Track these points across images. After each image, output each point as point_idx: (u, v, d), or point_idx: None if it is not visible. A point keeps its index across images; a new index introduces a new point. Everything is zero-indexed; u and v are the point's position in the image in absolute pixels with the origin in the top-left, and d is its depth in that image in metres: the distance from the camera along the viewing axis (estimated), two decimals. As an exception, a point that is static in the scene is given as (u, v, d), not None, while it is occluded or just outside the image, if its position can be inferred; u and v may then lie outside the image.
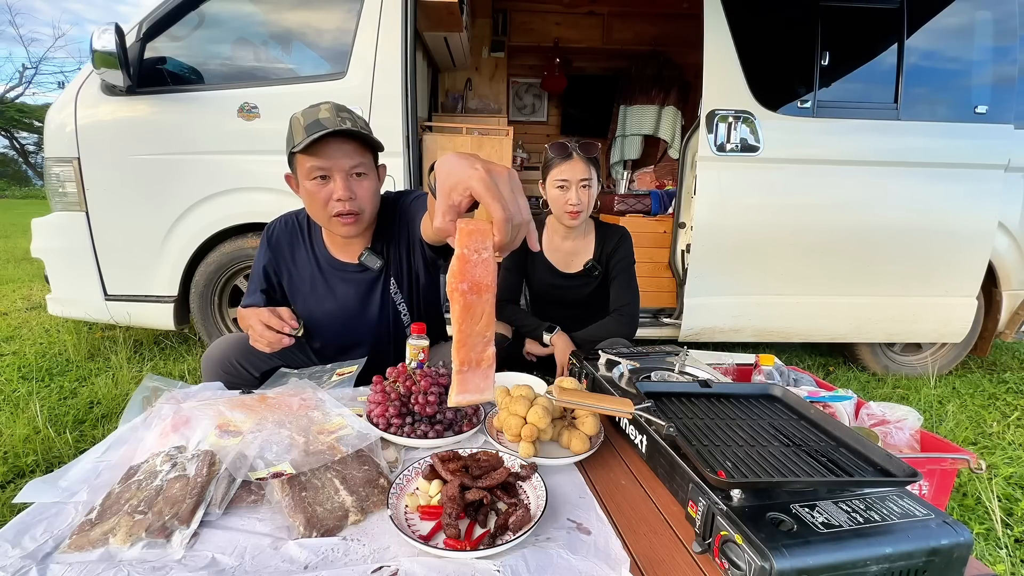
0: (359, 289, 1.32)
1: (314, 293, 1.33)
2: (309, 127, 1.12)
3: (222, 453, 0.80)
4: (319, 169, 1.14)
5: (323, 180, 1.15)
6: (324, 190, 1.15)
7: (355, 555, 0.67)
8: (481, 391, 0.63)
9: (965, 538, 0.63)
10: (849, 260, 2.44)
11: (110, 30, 2.02)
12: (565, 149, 1.60)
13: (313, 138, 1.09)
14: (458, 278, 0.59)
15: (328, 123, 1.13)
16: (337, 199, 1.15)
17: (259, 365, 1.27)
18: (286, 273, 1.35)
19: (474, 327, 0.61)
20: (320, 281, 1.33)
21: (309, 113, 1.15)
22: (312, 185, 1.15)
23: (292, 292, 1.36)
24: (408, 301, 1.36)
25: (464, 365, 0.62)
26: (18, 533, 0.68)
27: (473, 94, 4.62)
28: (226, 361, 1.23)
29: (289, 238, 1.35)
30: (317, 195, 1.16)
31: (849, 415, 1.31)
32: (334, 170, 1.15)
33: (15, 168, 25.63)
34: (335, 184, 1.15)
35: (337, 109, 1.17)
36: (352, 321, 1.35)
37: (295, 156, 1.15)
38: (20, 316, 3.41)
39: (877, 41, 2.41)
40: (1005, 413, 2.36)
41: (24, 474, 1.62)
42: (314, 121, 1.13)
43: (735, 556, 0.61)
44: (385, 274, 1.32)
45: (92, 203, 2.30)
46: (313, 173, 1.14)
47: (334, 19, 2.33)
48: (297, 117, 1.16)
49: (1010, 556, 1.40)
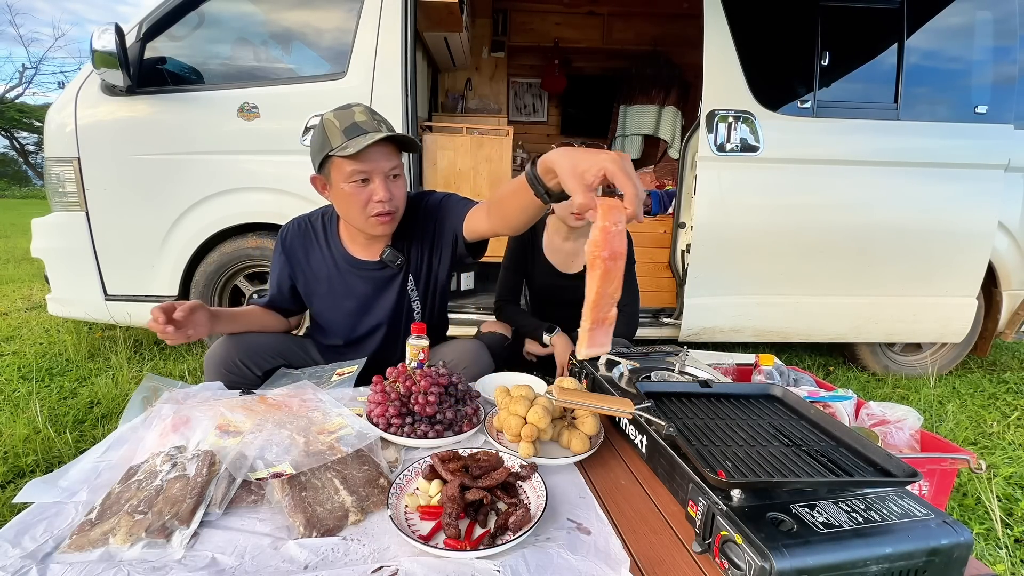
0: (376, 285, 1.34)
1: (331, 292, 1.35)
2: (347, 130, 1.13)
3: (222, 453, 0.80)
4: (361, 172, 1.15)
5: (363, 183, 1.17)
6: (364, 192, 1.17)
7: (355, 555, 0.67)
8: (602, 345, 0.73)
9: (965, 538, 0.63)
10: (849, 260, 2.44)
11: (110, 30, 2.02)
12: None
13: (366, 144, 1.10)
14: (600, 247, 0.68)
15: (366, 126, 1.14)
16: (378, 200, 1.17)
17: (261, 364, 1.27)
18: (301, 276, 1.37)
19: (607, 289, 0.70)
20: (337, 279, 1.34)
21: (343, 116, 1.15)
22: (351, 187, 1.17)
23: (308, 293, 1.38)
24: (422, 299, 1.38)
25: (594, 323, 0.71)
26: (18, 533, 0.68)
27: (473, 94, 4.61)
28: (228, 360, 1.24)
29: (302, 241, 1.36)
30: (357, 197, 1.17)
31: (849, 415, 1.31)
32: (374, 173, 1.16)
33: (15, 168, 25.61)
34: (375, 186, 1.17)
35: (370, 112, 1.18)
36: (366, 316, 1.37)
37: (330, 159, 1.16)
38: (20, 316, 3.41)
39: (877, 41, 2.40)
40: (1005, 413, 2.36)
41: (24, 474, 1.62)
42: (352, 124, 1.14)
43: (735, 556, 0.61)
44: (404, 271, 1.34)
45: (92, 203, 2.30)
46: (354, 176, 1.16)
47: (334, 19, 2.33)
48: (331, 120, 1.16)
49: (1010, 556, 1.40)
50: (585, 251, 0.69)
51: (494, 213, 1.10)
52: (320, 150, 1.17)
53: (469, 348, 1.34)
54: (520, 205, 0.97)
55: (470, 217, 1.22)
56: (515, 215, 1.03)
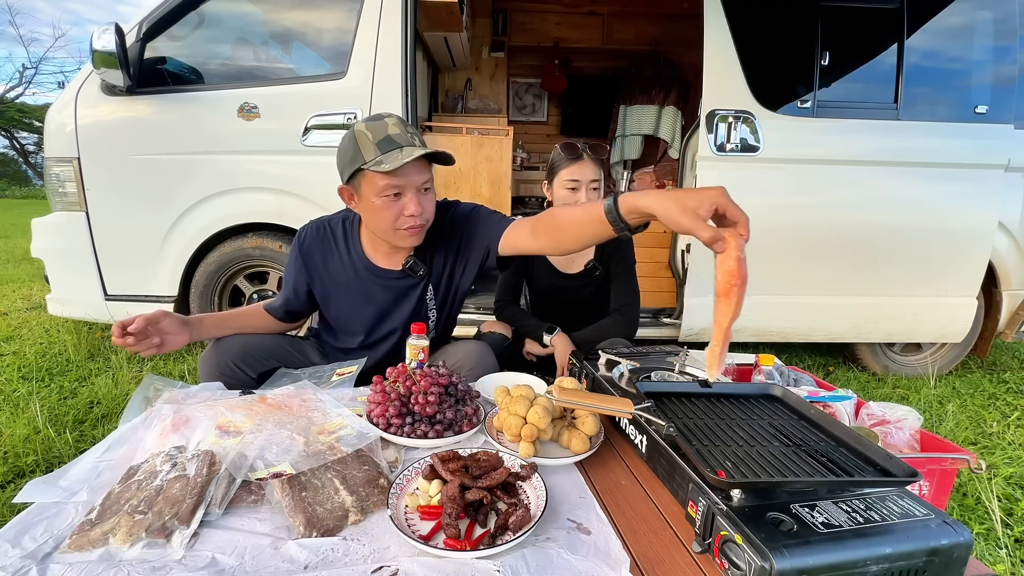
0: (396, 294, 1.33)
1: (349, 298, 1.34)
2: (381, 144, 1.11)
3: (222, 453, 0.80)
4: (394, 187, 1.14)
5: (395, 197, 1.15)
6: (396, 206, 1.16)
7: (355, 555, 0.67)
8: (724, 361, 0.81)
9: (965, 538, 0.63)
10: (849, 260, 2.44)
11: (110, 30, 2.02)
12: (576, 150, 1.59)
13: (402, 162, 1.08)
14: (736, 276, 0.74)
15: (400, 139, 1.13)
16: (409, 215, 1.16)
17: (256, 366, 1.26)
18: (318, 281, 1.35)
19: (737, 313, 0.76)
20: (356, 286, 1.33)
21: (375, 128, 1.13)
22: (383, 201, 1.15)
23: (325, 298, 1.37)
24: (439, 307, 1.37)
25: (724, 345, 0.77)
26: (18, 533, 0.68)
27: (473, 94, 4.61)
28: (222, 363, 1.22)
29: (321, 246, 1.34)
30: (388, 210, 1.16)
31: (849, 415, 1.31)
32: (407, 187, 1.15)
33: (15, 168, 25.60)
34: (407, 200, 1.16)
35: (403, 123, 1.17)
36: (383, 323, 1.36)
37: (361, 172, 1.14)
38: (20, 316, 3.41)
39: (877, 41, 2.40)
40: (1005, 413, 2.36)
41: (24, 474, 1.62)
42: (385, 137, 1.12)
43: (735, 556, 0.61)
44: (425, 281, 1.33)
45: (92, 203, 2.30)
46: (387, 191, 1.14)
47: (334, 19, 2.33)
48: (363, 131, 1.13)
49: (1010, 556, 1.40)
50: (719, 280, 0.75)
51: (547, 235, 1.12)
52: (351, 162, 1.14)
53: (474, 350, 1.34)
54: (587, 235, 1.02)
55: (510, 233, 1.22)
56: (575, 243, 1.06)
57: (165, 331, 1.15)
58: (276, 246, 2.38)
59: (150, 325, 1.11)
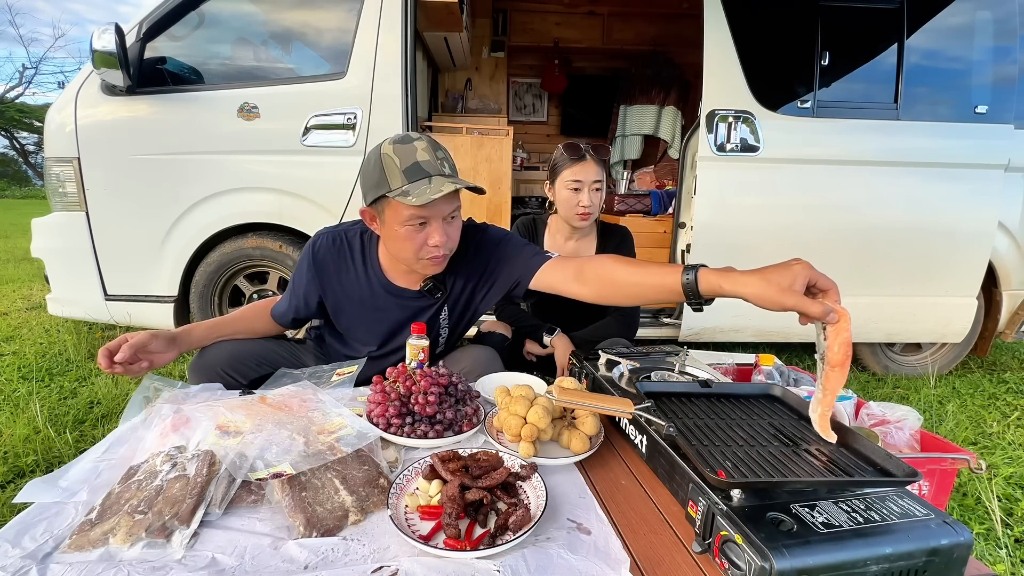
0: (411, 313, 1.30)
1: (362, 313, 1.30)
2: (408, 171, 1.06)
3: (222, 453, 0.80)
4: (419, 217, 1.08)
5: (420, 226, 1.10)
6: (420, 235, 1.11)
7: (355, 555, 0.67)
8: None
9: (965, 538, 0.63)
10: (849, 260, 2.44)
11: (110, 30, 2.02)
12: (578, 150, 1.59)
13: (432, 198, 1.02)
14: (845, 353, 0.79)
15: (429, 167, 1.07)
16: (434, 244, 1.12)
17: (247, 373, 1.23)
18: (331, 294, 1.30)
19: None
20: (370, 303, 1.29)
21: (403, 152, 1.07)
22: (407, 231, 1.10)
23: (336, 311, 1.32)
24: (452, 327, 1.35)
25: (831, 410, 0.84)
26: (18, 533, 0.68)
27: (473, 94, 4.62)
28: (211, 371, 1.19)
29: (336, 258, 1.28)
30: (412, 240, 1.11)
31: (849, 415, 1.31)
32: (433, 218, 1.10)
33: (15, 168, 25.60)
34: (432, 229, 1.11)
35: (433, 148, 1.11)
36: (394, 339, 1.34)
37: (387, 198, 1.08)
38: (20, 316, 3.41)
39: (877, 41, 2.40)
40: (1005, 413, 2.36)
41: (24, 474, 1.62)
42: (413, 164, 1.06)
43: (735, 556, 0.61)
44: (441, 303, 1.30)
45: (92, 203, 2.30)
46: (412, 221, 1.08)
47: (334, 19, 2.33)
48: (390, 155, 1.07)
49: (1010, 556, 1.40)
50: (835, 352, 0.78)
51: (597, 286, 1.09)
52: (375, 187, 1.09)
53: (482, 356, 1.33)
54: (649, 298, 1.04)
55: (548, 273, 1.19)
56: (630, 301, 1.07)
57: (152, 352, 1.11)
58: (276, 246, 2.38)
59: (137, 352, 1.08)
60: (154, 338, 1.11)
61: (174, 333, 1.17)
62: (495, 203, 2.82)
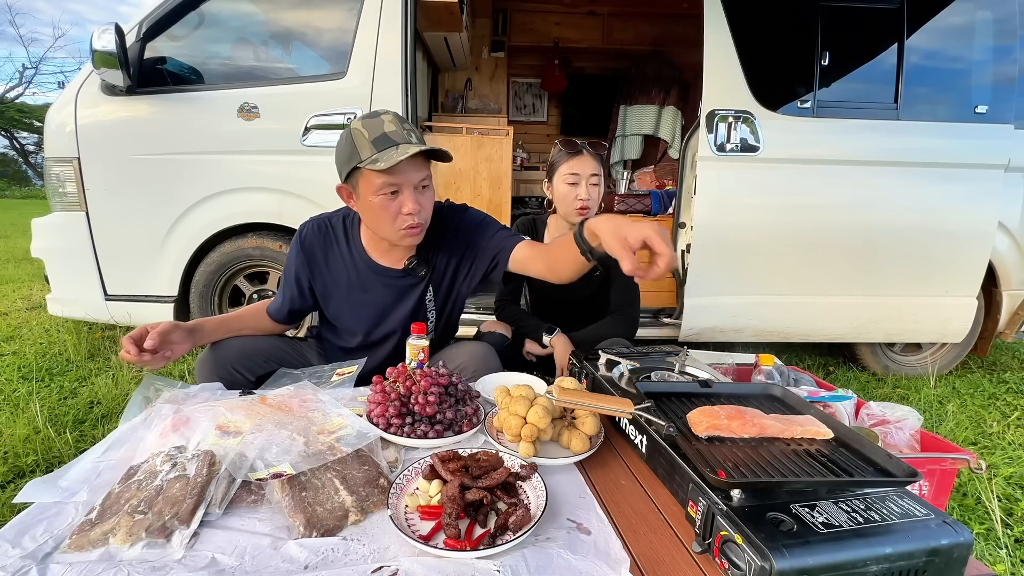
0: (396, 293, 1.33)
1: (349, 296, 1.33)
2: (376, 141, 1.10)
3: (222, 453, 0.80)
4: (391, 185, 1.13)
5: (392, 195, 1.14)
6: (393, 204, 1.15)
7: (355, 555, 0.67)
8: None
9: (965, 538, 0.63)
10: (849, 260, 2.44)
11: (110, 30, 2.02)
12: (575, 145, 1.62)
13: (397, 160, 1.07)
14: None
15: (396, 137, 1.12)
16: (407, 213, 1.15)
17: (255, 369, 1.25)
18: (319, 278, 1.34)
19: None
20: (356, 284, 1.32)
21: (371, 125, 1.13)
22: (381, 200, 1.14)
23: (324, 295, 1.36)
24: (439, 310, 1.38)
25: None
26: (18, 533, 0.68)
27: (473, 94, 4.62)
28: (220, 366, 1.21)
29: (322, 242, 1.33)
30: (387, 209, 1.15)
31: (849, 415, 1.31)
32: (404, 185, 1.14)
33: (15, 168, 25.59)
34: (404, 198, 1.15)
35: (399, 120, 1.15)
36: (383, 323, 1.36)
37: (358, 171, 1.13)
38: (20, 316, 3.41)
39: (877, 41, 2.40)
40: (1005, 413, 2.36)
41: (24, 474, 1.62)
42: (381, 135, 1.11)
43: (735, 556, 0.61)
44: (426, 282, 1.33)
45: (92, 203, 2.30)
46: (384, 189, 1.13)
47: (334, 19, 2.33)
48: (359, 130, 1.13)
49: (1010, 556, 1.40)
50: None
51: (545, 261, 1.20)
52: (348, 161, 1.14)
53: (478, 352, 1.34)
54: (567, 259, 1.09)
55: (522, 252, 1.26)
56: (562, 267, 1.14)
57: (174, 342, 1.13)
58: (276, 246, 2.38)
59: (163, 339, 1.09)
60: (176, 328, 1.14)
61: (191, 325, 1.19)
62: (495, 203, 2.82)
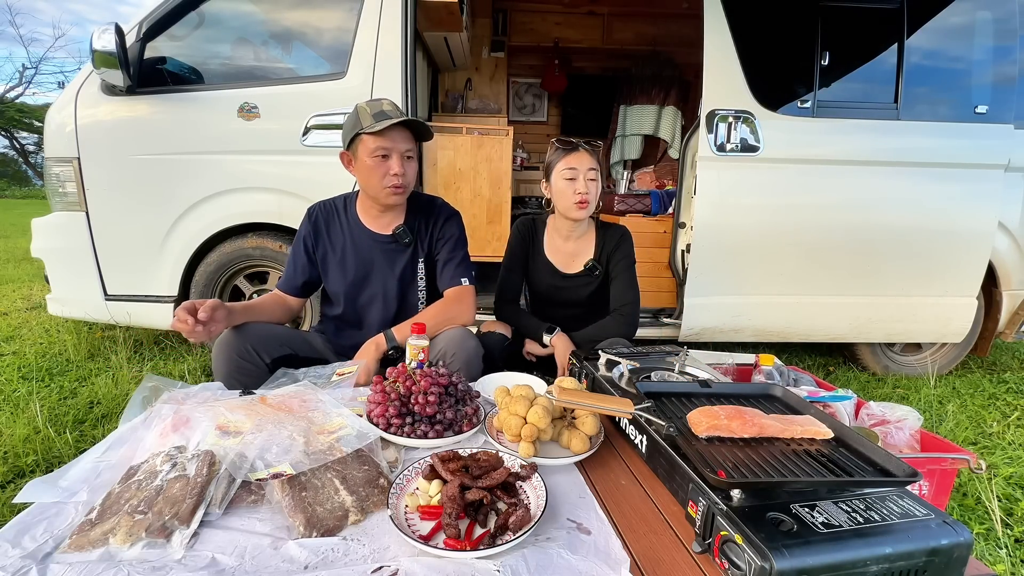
0: (386, 256, 1.54)
1: (344, 260, 1.54)
2: (376, 115, 1.37)
3: (222, 453, 0.80)
4: (382, 149, 1.38)
5: (383, 159, 1.39)
6: (383, 166, 1.40)
7: (355, 555, 0.67)
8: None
9: (965, 538, 0.63)
10: (849, 260, 2.44)
11: (110, 30, 2.02)
12: (571, 142, 1.64)
13: (389, 123, 1.35)
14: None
15: (392, 114, 1.38)
16: (393, 174, 1.40)
17: (271, 351, 1.36)
18: (322, 247, 1.55)
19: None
20: (350, 248, 1.54)
21: (373, 104, 1.40)
22: (373, 161, 1.39)
23: (325, 261, 1.55)
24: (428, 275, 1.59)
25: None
26: (18, 533, 0.68)
27: (473, 94, 4.61)
28: (240, 347, 1.31)
29: (327, 217, 1.57)
30: (377, 169, 1.40)
31: (849, 415, 1.31)
32: (393, 151, 1.39)
33: (15, 168, 25.56)
34: (392, 162, 1.40)
35: (395, 105, 1.43)
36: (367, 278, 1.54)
37: (360, 137, 1.39)
38: (20, 316, 3.41)
39: (877, 41, 2.40)
40: (1005, 413, 2.36)
41: (24, 474, 1.62)
42: (380, 111, 1.38)
43: (735, 556, 0.61)
44: (414, 251, 1.55)
45: (92, 203, 2.30)
46: (377, 152, 1.38)
47: (334, 19, 2.33)
48: (363, 107, 1.40)
49: (1010, 556, 1.40)
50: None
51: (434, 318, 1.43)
52: (352, 129, 1.40)
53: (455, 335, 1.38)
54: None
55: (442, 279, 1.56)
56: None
57: (217, 320, 1.25)
58: (276, 246, 2.38)
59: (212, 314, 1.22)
60: (221, 306, 1.27)
61: (229, 307, 1.32)
62: (495, 203, 2.82)
